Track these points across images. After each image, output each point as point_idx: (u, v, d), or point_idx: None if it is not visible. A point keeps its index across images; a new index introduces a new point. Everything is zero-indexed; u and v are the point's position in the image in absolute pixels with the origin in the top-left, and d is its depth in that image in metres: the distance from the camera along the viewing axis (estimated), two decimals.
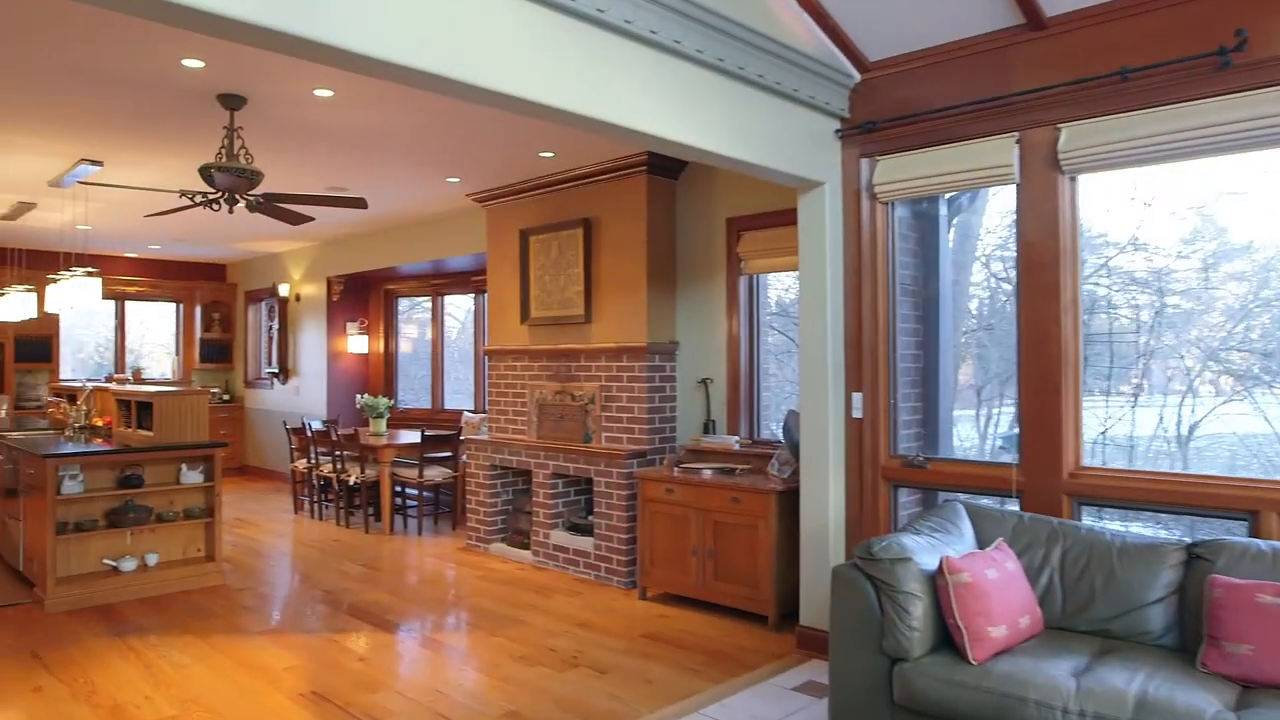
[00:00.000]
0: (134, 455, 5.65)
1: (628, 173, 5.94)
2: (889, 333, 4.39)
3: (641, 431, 5.81)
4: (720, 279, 5.79)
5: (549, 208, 6.54)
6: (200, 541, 5.97)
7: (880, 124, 4.27)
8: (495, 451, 6.74)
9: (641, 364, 5.82)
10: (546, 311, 6.51)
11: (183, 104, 4.65)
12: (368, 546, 7.06)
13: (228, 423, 11.14)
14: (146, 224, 8.49)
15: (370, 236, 9.09)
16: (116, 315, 11.00)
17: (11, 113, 4.82)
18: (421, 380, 9.98)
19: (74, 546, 5.49)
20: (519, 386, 6.73)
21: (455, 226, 7.99)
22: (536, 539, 6.37)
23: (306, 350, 10.17)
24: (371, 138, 5.38)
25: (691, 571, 5.15)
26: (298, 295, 10.34)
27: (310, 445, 8.22)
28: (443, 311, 9.67)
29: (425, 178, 6.52)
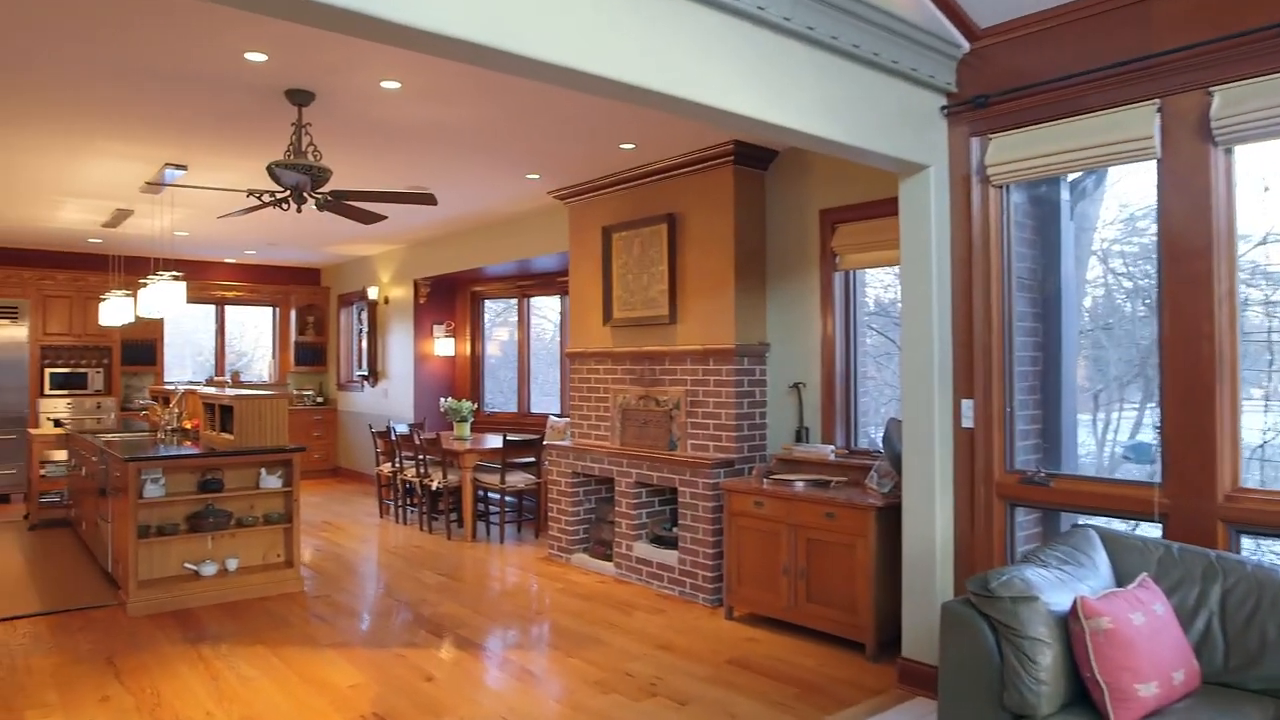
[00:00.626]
0: (214, 459, 5.61)
1: (713, 164, 5.58)
2: (1003, 332, 3.91)
3: (729, 439, 5.45)
4: (813, 276, 5.37)
5: (631, 203, 6.25)
6: (280, 547, 5.91)
7: (993, 98, 3.80)
8: (577, 458, 6.48)
9: (729, 367, 5.46)
10: (629, 312, 6.21)
11: (253, 102, 4.54)
12: (448, 554, 6.90)
13: (321, 425, 11.27)
14: (240, 229, 8.59)
15: (455, 238, 8.99)
16: (216, 319, 11.26)
17: (92, 117, 4.81)
18: (510, 383, 9.84)
19: (156, 550, 5.48)
20: (601, 391, 6.46)
21: (538, 225, 7.78)
22: (619, 551, 6.08)
23: (395, 353, 10.17)
24: (444, 133, 5.18)
25: (782, 592, 4.75)
26: (386, 298, 10.36)
27: (394, 449, 8.15)
28: (529, 313, 9.50)
29: (504, 175, 6.32)
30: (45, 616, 5.17)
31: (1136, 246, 4.62)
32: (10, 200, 7.05)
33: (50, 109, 4.69)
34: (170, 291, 6.08)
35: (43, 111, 4.74)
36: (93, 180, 6.37)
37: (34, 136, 5.22)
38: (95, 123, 4.94)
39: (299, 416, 11.05)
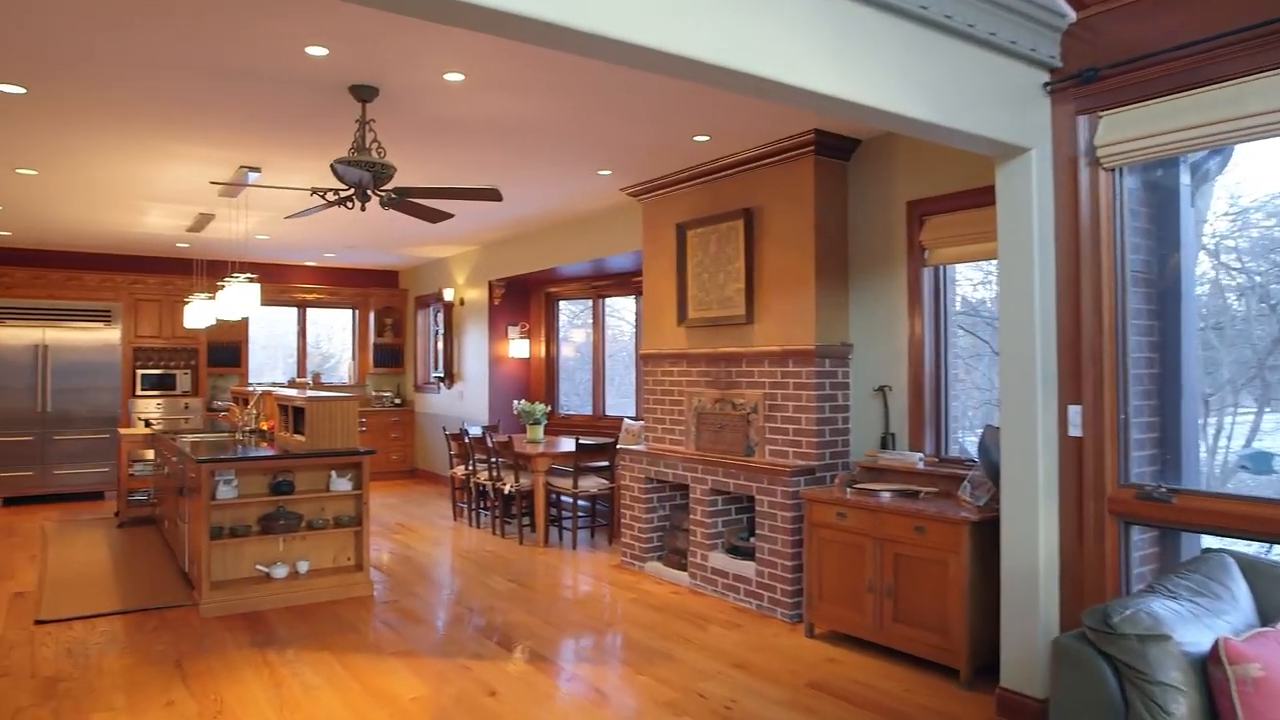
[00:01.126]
0: (285, 461, 5.58)
1: (793, 155, 5.30)
2: (1116, 332, 3.54)
3: (809, 445, 5.15)
4: (899, 272, 5.04)
5: (706, 199, 6.00)
6: (350, 550, 5.86)
7: (1103, 70, 3.44)
8: (650, 463, 6.26)
9: (810, 369, 5.17)
10: (705, 312, 5.97)
11: (318, 99, 4.46)
12: (520, 560, 6.77)
13: (398, 426, 11.34)
14: (318, 232, 8.66)
15: (528, 238, 8.89)
16: (298, 321, 11.45)
17: (163, 120, 4.82)
18: (586, 385, 9.70)
19: (229, 551, 5.48)
20: (676, 393, 6.23)
21: (612, 224, 7.60)
22: (693, 560, 5.84)
23: (470, 355, 10.15)
24: (511, 127, 5.03)
25: (867, 610, 4.44)
26: (462, 300, 10.34)
27: (468, 451, 8.08)
28: (604, 314, 9.35)
29: (575, 171, 6.15)
30: (123, 615, 5.21)
31: (1248, 240, 4.18)
32: (98, 206, 7.23)
33: (126, 115, 4.72)
34: (245, 293, 6.10)
35: (120, 118, 4.77)
36: (171, 185, 6.46)
37: (115, 142, 5.28)
38: (167, 126, 4.95)
39: (377, 418, 11.15)
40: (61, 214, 7.58)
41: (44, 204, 7.13)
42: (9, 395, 9.08)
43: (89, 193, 6.71)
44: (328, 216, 7.69)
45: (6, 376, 9.08)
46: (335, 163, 3.73)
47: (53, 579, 6.04)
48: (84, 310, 9.48)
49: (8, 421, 9.07)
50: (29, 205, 7.20)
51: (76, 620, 5.11)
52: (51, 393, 9.27)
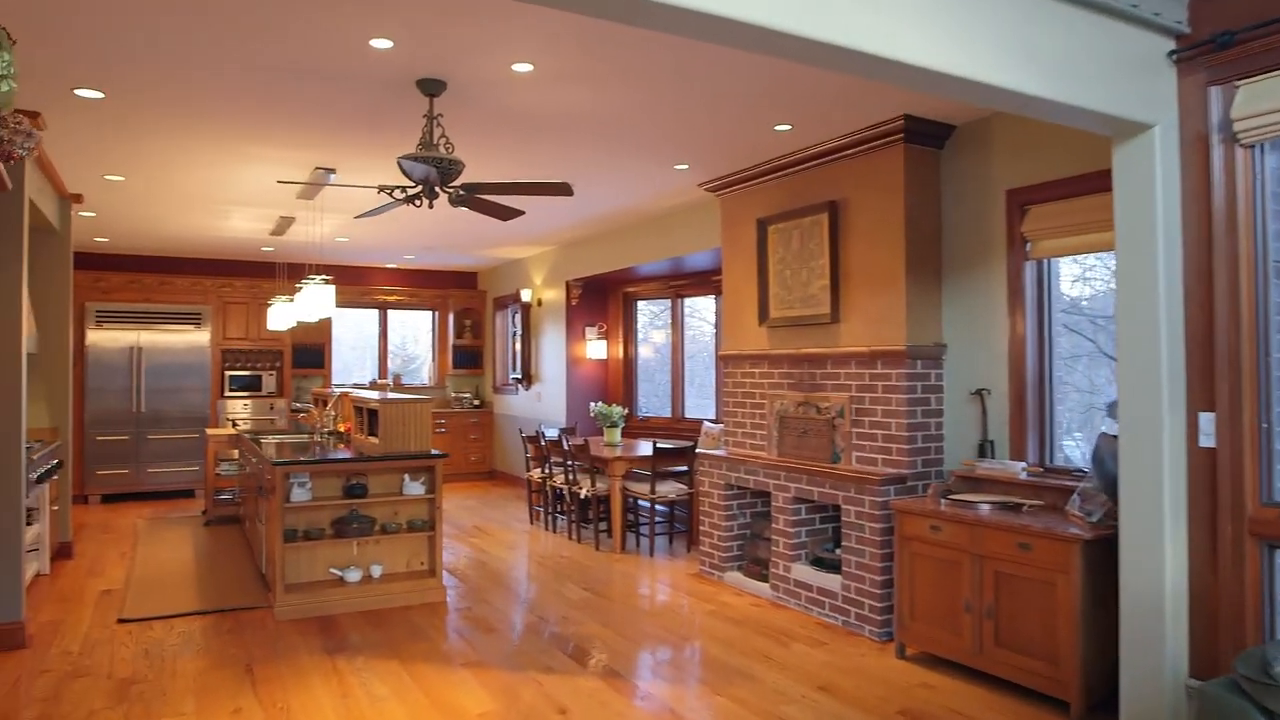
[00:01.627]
0: (358, 464, 5.53)
1: (881, 144, 4.98)
2: (1256, 329, 3.13)
3: (900, 452, 4.82)
4: (998, 266, 4.67)
5: (788, 192, 5.72)
6: (423, 555, 5.77)
7: (1241, 34, 3.04)
8: (730, 469, 6.01)
9: (900, 371, 4.84)
10: (787, 311, 5.68)
11: (386, 96, 4.36)
12: (596, 567, 6.59)
13: (477, 428, 11.34)
14: (397, 234, 8.68)
15: (605, 237, 8.73)
16: (379, 323, 11.56)
17: (236, 122, 4.80)
18: (664, 387, 9.49)
19: (303, 554, 5.46)
20: (757, 396, 5.96)
21: (689, 221, 7.37)
22: (775, 572, 5.56)
23: (547, 356, 10.05)
24: (583, 121, 4.85)
25: (964, 632, 4.10)
26: (539, 300, 10.26)
27: (544, 454, 7.96)
28: (682, 314, 9.12)
29: (650, 166, 5.93)
30: (201, 616, 5.23)
31: None
32: (184, 210, 7.36)
33: (199, 117, 4.71)
34: (321, 294, 6.09)
35: (194, 119, 4.77)
36: (250, 188, 6.50)
37: (191, 146, 5.31)
38: (239, 128, 4.94)
39: (456, 419, 11.16)
40: (151, 219, 7.76)
41: (134, 209, 7.30)
42: (107, 396, 9.39)
43: (173, 197, 6.82)
44: (402, 218, 7.68)
45: (105, 378, 9.39)
46: (402, 159, 3.61)
47: (139, 577, 6.14)
48: (175, 313, 9.74)
49: (106, 421, 9.38)
50: (121, 211, 7.38)
51: (157, 620, 5.15)
52: (145, 393, 9.55)
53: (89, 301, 9.38)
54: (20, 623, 4.71)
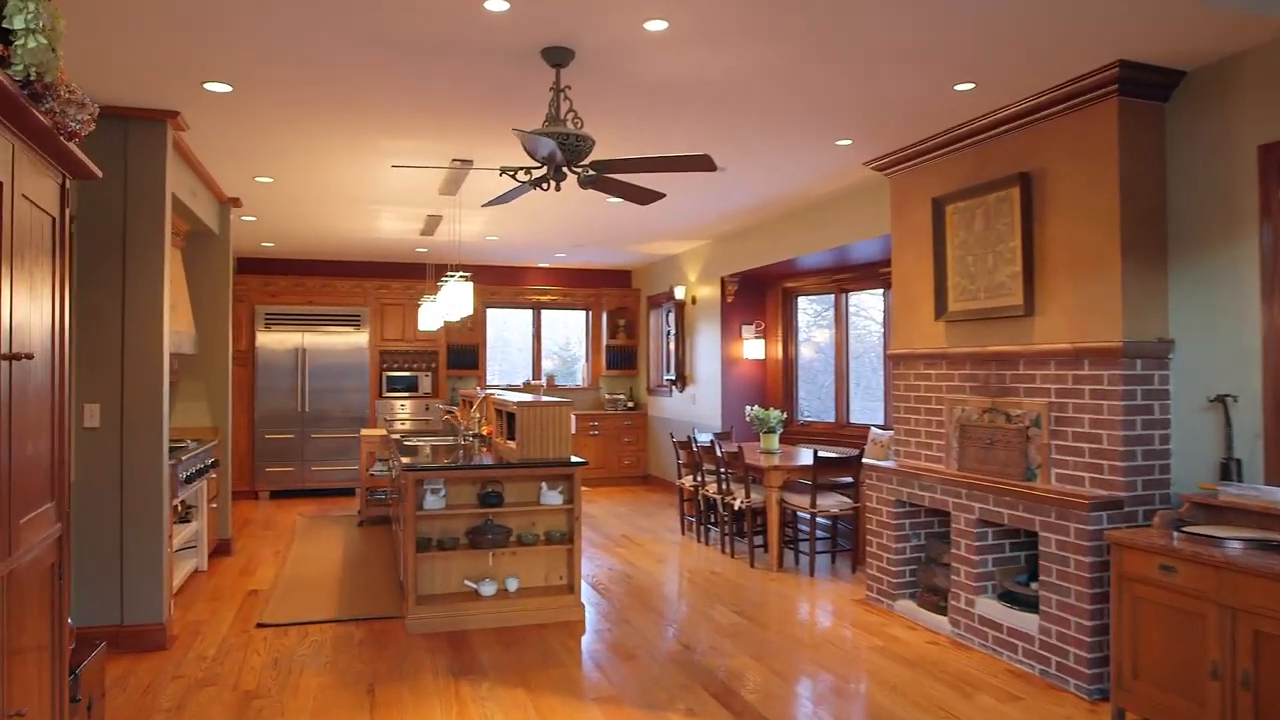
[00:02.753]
0: (493, 471, 5.21)
1: (1088, 99, 4.14)
2: None
3: (1115, 471, 3.98)
4: (1247, 243, 3.74)
5: (970, 165, 4.94)
6: (563, 568, 5.39)
7: None
8: (902, 483, 5.28)
9: (1114, 372, 3.99)
10: (969, 303, 4.90)
11: (510, 70, 3.98)
12: (749, 586, 6.01)
13: (631, 430, 10.99)
14: (544, 230, 8.43)
15: (762, 228, 8.12)
16: (532, 323, 11.43)
17: (368, 113, 4.58)
18: (828, 389, 8.77)
19: (437, 564, 5.20)
20: (933, 401, 5.20)
21: (855, 205, 6.65)
22: (956, 605, 4.79)
23: (702, 356, 9.54)
24: (728, 88, 4.30)
25: (1209, 703, 3.24)
26: (693, 298, 9.77)
27: (697, 461, 7.46)
28: (847, 309, 8.37)
29: (808, 142, 5.30)
30: (335, 625, 5.07)
31: None
32: (335, 212, 7.37)
33: (332, 107, 4.52)
34: (460, 291, 5.85)
35: (326, 112, 4.59)
36: (392, 185, 6.37)
37: (330, 142, 5.17)
38: (371, 117, 4.72)
39: (609, 421, 10.86)
40: (305, 222, 7.85)
41: (288, 212, 7.38)
42: (275, 395, 9.70)
43: (321, 198, 6.80)
44: (545, 211, 7.37)
45: (273, 378, 9.70)
46: (520, 132, 3.20)
47: (287, 577, 6.11)
48: (336, 315, 9.95)
49: (274, 420, 9.69)
50: (277, 214, 7.49)
51: (293, 626, 5.03)
52: (309, 393, 9.79)
53: (258, 304, 9.72)
54: (162, 624, 4.68)
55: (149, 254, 4.71)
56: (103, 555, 4.64)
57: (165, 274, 4.75)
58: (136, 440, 4.67)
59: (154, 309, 4.70)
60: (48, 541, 2.54)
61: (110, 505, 4.65)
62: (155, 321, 4.71)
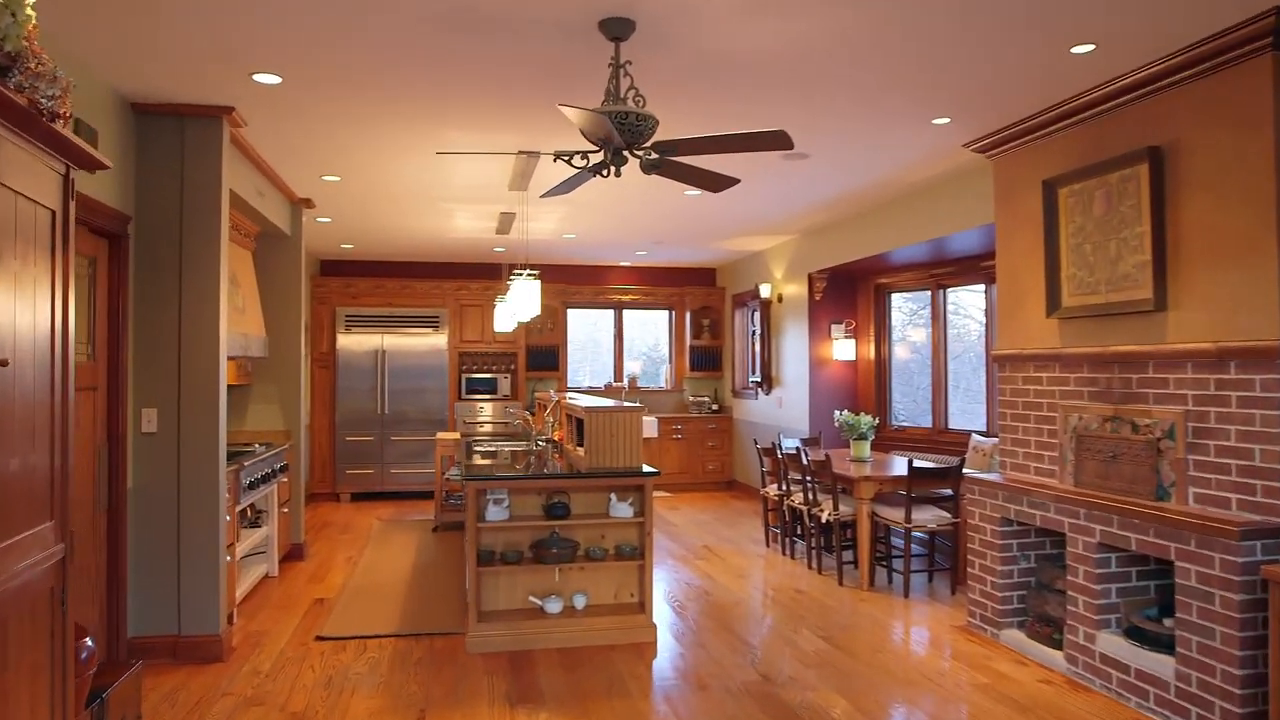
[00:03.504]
0: (558, 481, 4.90)
1: (1234, 58, 3.54)
2: None
3: (1272, 493, 3.38)
4: None
5: (1088, 141, 4.36)
6: (633, 585, 5.04)
7: None
8: (1009, 499, 4.73)
9: (1270, 377, 3.40)
10: (1087, 297, 4.34)
11: (570, 47, 3.65)
12: (837, 606, 5.54)
13: (715, 434, 10.57)
14: (623, 227, 8.11)
15: (851, 221, 7.59)
16: (614, 324, 11.14)
17: (422, 96, 4.32)
18: (924, 392, 8.17)
19: (501, 579, 4.92)
20: (1044, 408, 4.64)
21: (954, 192, 6.09)
22: (1073, 639, 4.23)
23: (789, 357, 9.05)
24: (805, 60, 3.86)
25: None
26: (779, 296, 9.28)
27: (781, 468, 7.00)
28: (945, 306, 7.77)
29: (901, 121, 4.80)
30: (395, 639, 4.84)
31: None
32: (407, 212, 7.20)
33: (391, 105, 4.29)
34: (527, 289, 5.57)
35: (386, 110, 4.36)
36: (460, 181, 6.14)
37: (398, 138, 4.95)
38: (429, 105, 4.46)
39: (693, 425, 10.47)
40: (379, 221, 7.72)
41: (360, 212, 7.25)
42: (356, 397, 9.67)
43: (391, 196, 6.63)
44: (618, 206, 7.03)
45: (354, 380, 9.68)
46: (564, 105, 2.86)
47: (354, 586, 5.95)
48: (415, 316, 9.85)
49: (354, 423, 9.66)
50: (351, 214, 7.37)
51: (351, 640, 4.82)
52: (388, 395, 9.73)
53: (339, 306, 9.71)
54: (218, 636, 4.53)
55: (205, 255, 4.57)
56: (161, 563, 4.52)
57: (222, 275, 4.61)
58: (192, 446, 4.54)
59: (210, 310, 4.56)
60: (44, 565, 2.31)
61: (168, 512, 4.53)
62: (211, 323, 4.56)
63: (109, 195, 4.17)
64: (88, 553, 4.08)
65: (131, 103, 4.43)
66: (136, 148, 4.51)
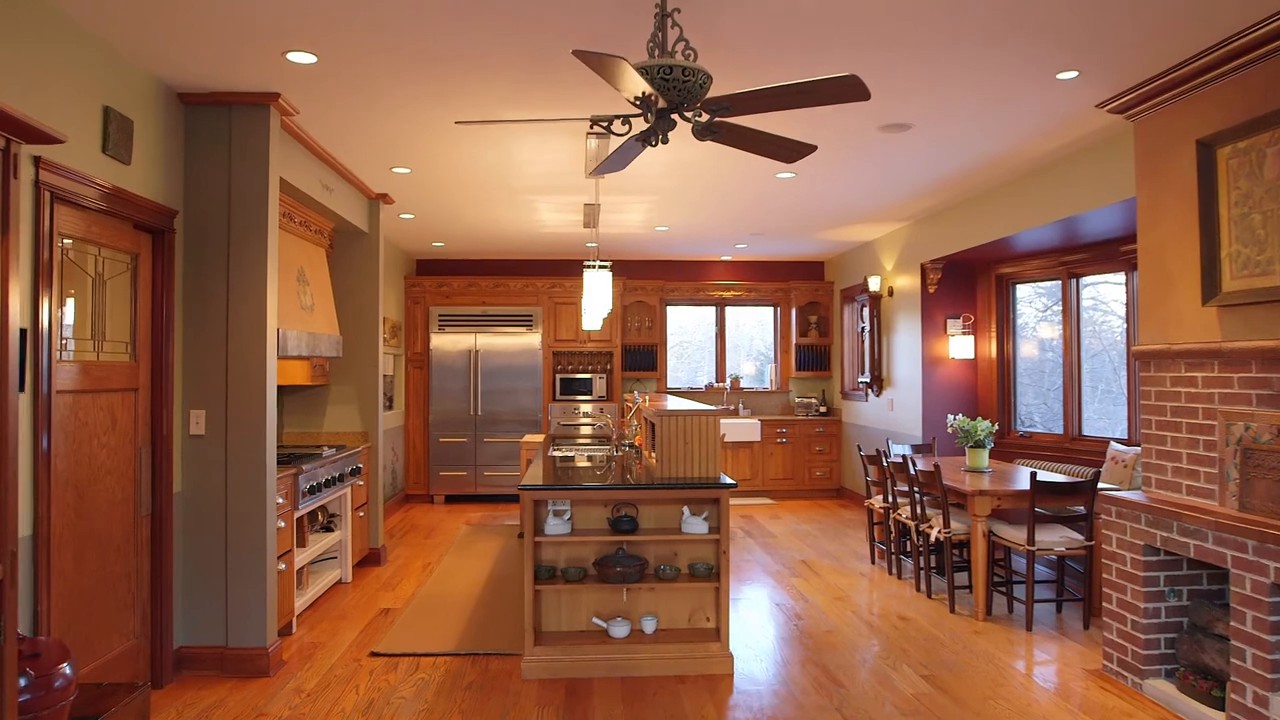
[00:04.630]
0: (623, 492, 4.44)
1: None
2: None
3: None
4: None
5: (1255, 88, 3.57)
6: (711, 609, 4.54)
7: None
8: (1154, 523, 3.97)
9: None
10: (1256, 279, 3.55)
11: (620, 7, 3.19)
12: (946, 638, 4.86)
13: (823, 438, 9.87)
14: (720, 218, 7.59)
15: (967, 204, 6.81)
16: (716, 321, 10.60)
17: (471, 71, 3.95)
18: (1055, 394, 7.29)
19: (564, 597, 4.51)
20: (1199, 414, 3.86)
21: (1086, 164, 5.28)
22: (1239, 700, 3.45)
23: (901, 355, 8.29)
24: (893, 12, 3.26)
25: None
26: (890, 289, 8.53)
27: (887, 477, 6.33)
28: (1078, 298, 6.89)
29: (1017, 79, 4.10)
30: (450, 659, 4.51)
31: None
32: (484, 204, 6.89)
33: (436, 80, 3.94)
34: (598, 282, 5.14)
35: (432, 86, 4.02)
36: (533, 169, 5.77)
37: (447, 116, 4.62)
38: (479, 81, 4.08)
39: (799, 428, 9.82)
40: (462, 217, 7.47)
41: (439, 206, 7.01)
42: (449, 399, 9.51)
43: (464, 187, 6.34)
44: (712, 192, 6.51)
45: (447, 380, 9.53)
46: (579, 51, 2.39)
47: (423, 596, 5.68)
48: (508, 316, 9.62)
49: (448, 424, 9.51)
50: (431, 209, 7.15)
51: (405, 658, 4.51)
52: (481, 396, 9.53)
53: (433, 306, 9.58)
54: (264, 649, 4.30)
55: (252, 249, 4.35)
56: (208, 571, 4.33)
57: (269, 270, 4.38)
58: (239, 449, 4.32)
59: (255, 307, 4.34)
60: None
61: (215, 518, 4.33)
62: (257, 321, 4.34)
63: (151, 189, 3.99)
64: (126, 558, 3.91)
65: (179, 94, 4.26)
66: (186, 141, 4.34)
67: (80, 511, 3.56)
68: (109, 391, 3.78)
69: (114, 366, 3.82)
